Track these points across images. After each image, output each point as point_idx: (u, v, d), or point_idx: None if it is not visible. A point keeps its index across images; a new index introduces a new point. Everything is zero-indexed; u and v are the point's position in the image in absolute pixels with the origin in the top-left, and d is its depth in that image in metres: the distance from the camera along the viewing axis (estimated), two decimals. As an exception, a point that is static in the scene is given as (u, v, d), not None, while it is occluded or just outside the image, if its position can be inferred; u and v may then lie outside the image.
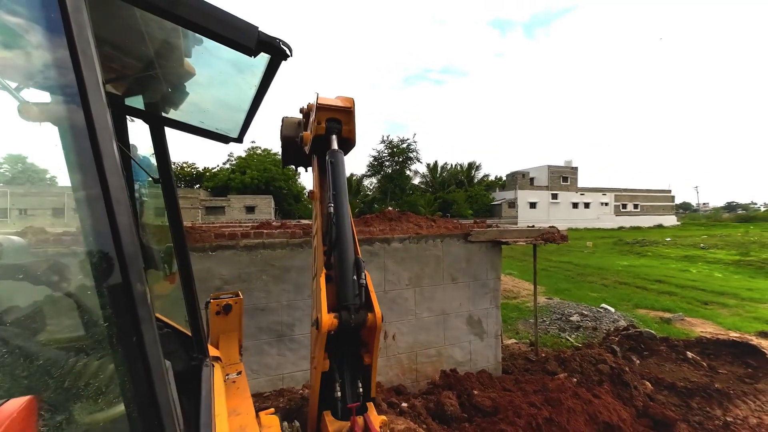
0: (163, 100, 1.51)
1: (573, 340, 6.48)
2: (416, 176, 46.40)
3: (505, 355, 5.56)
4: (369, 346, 1.61)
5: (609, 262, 16.08)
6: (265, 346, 3.82)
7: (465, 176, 48.00)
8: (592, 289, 10.74)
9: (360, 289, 1.57)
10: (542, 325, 7.32)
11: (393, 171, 40.37)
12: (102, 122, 0.50)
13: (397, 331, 4.32)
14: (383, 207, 41.23)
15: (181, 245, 1.55)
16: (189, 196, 33.14)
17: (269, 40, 0.71)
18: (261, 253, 3.80)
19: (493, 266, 4.80)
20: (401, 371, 4.34)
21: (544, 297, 9.70)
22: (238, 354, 2.12)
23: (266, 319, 3.80)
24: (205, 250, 3.60)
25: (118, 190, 0.52)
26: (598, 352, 4.53)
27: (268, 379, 3.81)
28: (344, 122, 1.97)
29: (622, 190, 50.08)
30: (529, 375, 4.30)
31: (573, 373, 4.05)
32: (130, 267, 0.52)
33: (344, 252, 1.64)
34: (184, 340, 1.64)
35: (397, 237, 4.32)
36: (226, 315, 2.14)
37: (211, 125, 1.53)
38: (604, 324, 7.17)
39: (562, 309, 8.37)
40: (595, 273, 13.46)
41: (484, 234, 4.68)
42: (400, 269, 4.33)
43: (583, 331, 6.91)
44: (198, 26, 0.63)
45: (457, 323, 4.61)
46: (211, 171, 39.43)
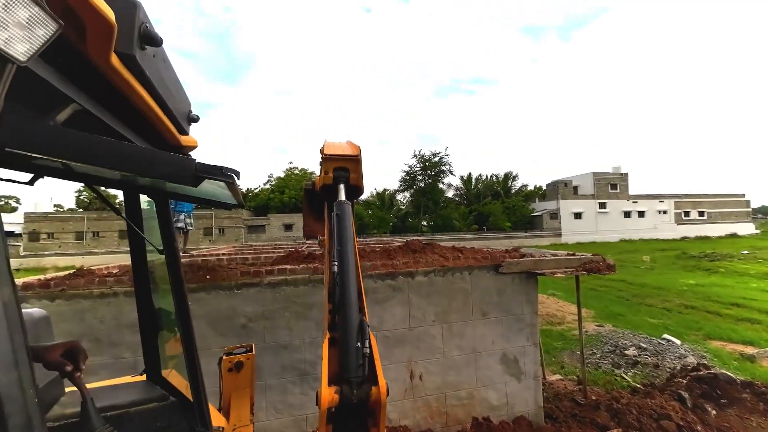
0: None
1: (630, 379, 5.72)
2: (450, 189, 45.65)
3: (548, 395, 5.03)
4: (375, 419, 1.43)
5: (671, 281, 14.32)
6: (289, 385, 3.78)
7: (501, 187, 46.30)
8: (650, 314, 9.56)
9: (364, 360, 1.40)
10: (592, 359, 6.60)
11: (425, 185, 40.08)
12: None
13: (425, 370, 4.08)
14: (416, 221, 40.91)
15: (184, 314, 1.54)
16: (233, 216, 35.43)
17: (209, 172, 0.66)
18: (284, 290, 3.82)
19: (529, 299, 4.41)
20: (429, 414, 4.07)
21: (593, 323, 8.81)
22: (249, 413, 2.07)
23: (290, 357, 3.78)
24: (231, 288, 3.69)
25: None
26: (661, 402, 3.90)
27: (292, 420, 3.75)
28: (351, 170, 1.96)
29: (683, 196, 45.19)
30: (576, 426, 3.81)
31: (629, 429, 3.51)
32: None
33: (348, 315, 1.52)
34: (188, 409, 1.62)
35: (422, 270, 4.14)
36: (237, 372, 2.12)
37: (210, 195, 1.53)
38: (668, 360, 6.27)
39: (615, 339, 7.51)
40: (654, 294, 12.03)
41: (517, 265, 4.33)
42: (425, 304, 4.12)
43: (642, 368, 6.10)
44: (133, 171, 0.59)
45: (490, 362, 4.25)
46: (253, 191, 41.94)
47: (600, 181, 42.37)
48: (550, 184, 44.14)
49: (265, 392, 3.70)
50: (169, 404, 1.60)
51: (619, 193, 42.64)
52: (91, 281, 3.43)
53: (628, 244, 35.21)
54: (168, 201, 1.54)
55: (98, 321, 3.37)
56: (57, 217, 32.80)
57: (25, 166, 1.31)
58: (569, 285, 13.87)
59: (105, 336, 3.36)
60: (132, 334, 3.41)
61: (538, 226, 41.84)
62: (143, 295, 1.70)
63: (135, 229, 1.53)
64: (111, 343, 3.37)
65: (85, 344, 3.39)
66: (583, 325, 5.26)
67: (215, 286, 3.66)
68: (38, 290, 3.32)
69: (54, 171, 1.36)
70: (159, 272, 1.79)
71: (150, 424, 1.53)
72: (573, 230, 40.12)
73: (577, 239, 37.96)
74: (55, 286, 3.35)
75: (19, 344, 0.47)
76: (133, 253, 1.66)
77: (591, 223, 41.29)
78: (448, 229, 37.73)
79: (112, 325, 3.38)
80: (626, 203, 42.67)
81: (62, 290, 3.32)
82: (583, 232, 40.18)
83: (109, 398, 1.55)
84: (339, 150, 1.99)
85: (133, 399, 1.57)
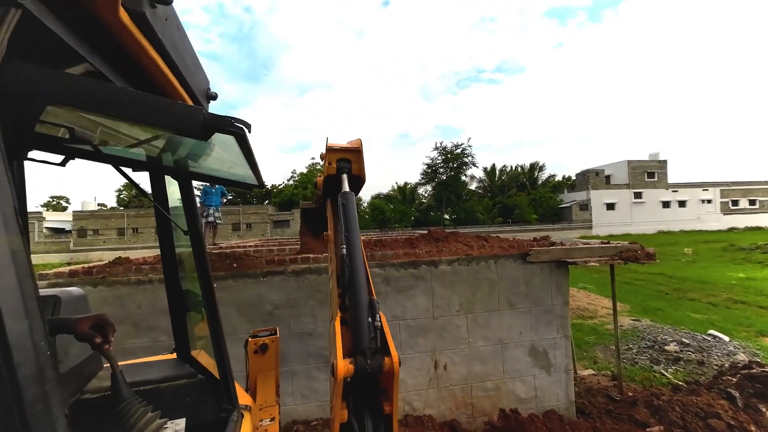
0: (190, 155, 1.56)
1: (671, 376, 5.36)
2: (473, 181, 44.60)
3: (580, 390, 4.81)
4: (388, 394, 1.47)
5: (717, 274, 13.28)
6: (314, 371, 3.84)
7: (527, 178, 44.66)
8: (693, 309, 8.91)
9: (375, 332, 1.48)
10: (627, 354, 6.24)
11: (448, 177, 39.37)
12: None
13: (449, 360, 4.01)
14: (438, 215, 40.40)
15: (209, 295, 1.57)
16: (259, 212, 36.62)
17: (219, 123, 0.63)
18: (308, 278, 3.86)
19: (559, 290, 4.21)
20: (455, 405, 4.00)
21: (628, 318, 8.33)
22: (275, 395, 2.11)
23: (314, 344, 3.83)
24: (257, 276, 3.78)
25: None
26: (708, 400, 3.59)
27: (318, 405, 3.81)
28: (354, 161, 2.12)
29: (731, 183, 41.63)
30: (611, 422, 3.60)
31: (672, 426, 3.26)
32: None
33: (358, 294, 1.59)
34: (216, 387, 1.65)
35: (445, 259, 4.04)
36: (263, 354, 2.15)
37: (231, 176, 1.53)
38: (714, 357, 5.81)
39: (653, 334, 7.06)
40: (697, 288, 11.20)
41: (547, 253, 4.14)
42: (449, 294, 4.03)
43: (685, 364, 5.69)
44: (134, 120, 0.57)
45: (518, 354, 4.11)
46: (278, 188, 43.05)
47: (635, 170, 39.81)
48: (580, 173, 42.04)
49: (292, 378, 3.78)
50: (198, 382, 1.64)
51: (656, 182, 39.91)
52: (129, 269, 3.62)
53: (666, 236, 33.01)
54: (191, 182, 1.56)
55: (136, 306, 3.56)
56: (101, 215, 35.31)
57: (56, 148, 1.36)
58: (601, 278, 13.20)
59: (143, 320, 3.56)
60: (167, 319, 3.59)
61: (566, 217, 40.07)
62: (171, 277, 1.75)
63: (162, 210, 1.56)
64: (148, 327, 3.56)
65: (125, 328, 3.56)
66: (617, 319, 4.96)
67: (242, 274, 3.76)
68: (83, 277, 3.55)
69: (84, 153, 1.41)
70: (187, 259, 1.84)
71: (179, 400, 1.57)
72: (605, 222, 38.09)
73: (610, 231, 35.99)
74: (97, 273, 3.57)
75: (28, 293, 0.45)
76: (160, 236, 1.70)
77: (625, 214, 39.00)
78: (471, 222, 36.98)
79: (149, 310, 3.57)
80: (665, 192, 39.87)
81: (103, 277, 3.53)
82: (616, 224, 38.06)
83: (142, 374, 1.61)
84: (342, 143, 2.16)
85: (164, 375, 1.62)
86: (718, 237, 28.49)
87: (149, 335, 3.53)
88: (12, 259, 0.44)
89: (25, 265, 0.47)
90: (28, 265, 0.47)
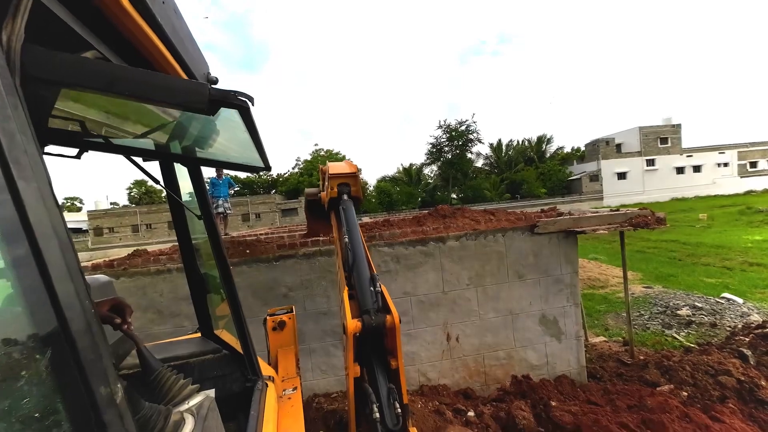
0: (197, 141, 1.60)
1: (682, 339, 5.41)
2: (479, 158, 43.82)
3: (591, 356, 4.91)
4: (393, 350, 1.77)
5: (732, 238, 13.04)
6: (331, 348, 4.00)
7: (535, 152, 43.67)
8: (707, 274, 8.84)
9: (376, 296, 1.80)
10: (639, 321, 6.29)
11: (453, 156, 38.77)
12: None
13: (461, 332, 4.12)
14: (445, 194, 40.12)
15: (227, 275, 1.64)
16: (267, 201, 36.95)
17: (223, 98, 0.66)
18: (319, 260, 3.96)
19: (568, 259, 4.23)
20: (468, 374, 4.15)
21: (640, 285, 8.33)
22: (295, 367, 2.22)
23: (329, 322, 3.97)
24: (270, 260, 3.89)
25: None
26: (719, 359, 3.64)
27: (336, 379, 3.99)
28: (352, 185, 2.50)
29: (749, 145, 40.06)
30: (621, 384, 3.70)
31: (682, 385, 3.34)
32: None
33: (360, 270, 1.95)
34: (240, 361, 1.76)
35: (453, 235, 4.08)
36: (281, 331, 2.26)
37: (238, 159, 1.58)
38: (728, 319, 5.82)
39: (665, 300, 7.07)
40: (711, 253, 11.04)
41: (554, 224, 4.13)
42: (458, 268, 4.10)
43: (697, 327, 5.72)
44: (144, 98, 0.60)
45: (528, 324, 4.20)
46: (283, 176, 43.17)
47: (647, 136, 38.52)
48: (590, 143, 40.92)
49: (310, 355, 3.95)
50: (223, 356, 1.75)
51: (670, 148, 38.64)
52: (147, 260, 3.76)
53: (680, 203, 32.28)
54: (200, 169, 1.61)
55: (158, 295, 3.73)
56: (114, 213, 36.13)
57: (70, 142, 1.42)
58: (613, 248, 13.12)
59: (165, 308, 3.73)
60: (188, 305, 3.76)
61: (576, 190, 39.39)
62: (189, 262, 1.83)
63: (174, 196, 1.62)
64: (171, 314, 3.73)
65: (150, 315, 3.73)
66: (629, 287, 4.97)
67: (255, 259, 3.87)
68: (105, 270, 3.71)
69: (96, 145, 1.47)
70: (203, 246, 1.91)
71: (207, 373, 1.68)
72: (616, 192, 37.33)
73: (621, 201, 35.32)
74: (118, 265, 3.73)
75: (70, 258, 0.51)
76: (176, 223, 1.77)
77: (637, 182, 38.10)
78: (478, 200, 36.68)
79: (170, 298, 3.73)
80: (679, 158, 38.65)
81: (124, 269, 3.68)
82: (627, 193, 37.28)
83: (170, 351, 1.73)
84: (341, 169, 2.54)
85: (191, 352, 1.73)
86: (735, 201, 27.73)
87: (173, 321, 3.71)
88: (59, 242, 0.50)
89: (71, 250, 0.52)
90: (73, 250, 0.52)
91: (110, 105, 1.25)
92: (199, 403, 1.09)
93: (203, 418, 1.02)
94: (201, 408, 1.05)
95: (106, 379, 0.56)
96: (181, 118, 1.32)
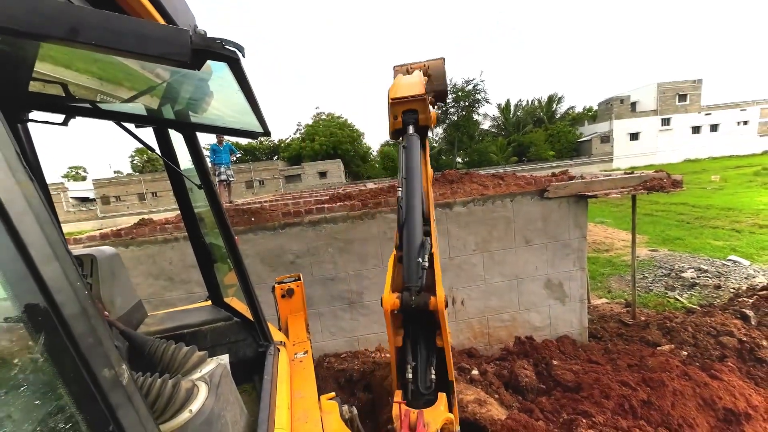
0: (190, 105, 1.49)
1: (685, 300, 5.48)
2: (485, 120, 42.29)
3: (593, 317, 5.02)
4: (440, 329, 1.59)
5: (744, 200, 12.76)
6: (339, 312, 4.12)
7: (544, 112, 41.89)
8: (715, 236, 8.76)
9: (422, 272, 1.54)
10: (643, 283, 6.35)
11: (459, 117, 37.36)
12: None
13: (466, 296, 4.19)
14: (450, 158, 39.30)
15: (232, 244, 1.61)
16: (270, 168, 36.63)
17: (208, 47, 0.55)
18: (325, 228, 3.94)
19: (577, 224, 4.16)
20: (472, 335, 4.29)
21: (645, 248, 8.32)
22: (305, 332, 2.28)
23: (337, 288, 4.05)
24: (275, 228, 3.89)
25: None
26: (722, 320, 3.69)
27: (345, 341, 4.16)
28: (420, 111, 1.91)
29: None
30: (623, 344, 3.80)
31: (682, 345, 3.42)
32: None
33: (410, 234, 1.64)
34: (251, 327, 1.79)
35: (460, 200, 4.00)
36: (290, 298, 2.29)
37: (236, 125, 1.47)
38: (732, 281, 5.84)
39: (671, 263, 7.08)
40: (721, 215, 10.88)
41: (565, 188, 4.01)
42: (464, 234, 4.07)
43: (701, 289, 5.76)
44: (114, 48, 0.50)
45: (533, 287, 4.24)
46: (285, 142, 42.35)
47: (665, 93, 36.47)
48: (603, 102, 39.01)
49: (319, 318, 4.08)
50: (234, 323, 1.77)
51: (688, 105, 36.72)
52: (154, 229, 3.78)
53: (693, 164, 31.36)
54: (195, 135, 1.52)
55: (167, 263, 3.79)
56: (119, 182, 36.25)
57: (55, 108, 1.32)
58: (620, 212, 12.99)
59: (176, 275, 3.81)
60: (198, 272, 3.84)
61: (585, 152, 38.26)
62: (194, 232, 1.80)
63: (170, 164, 1.54)
64: (182, 280, 3.82)
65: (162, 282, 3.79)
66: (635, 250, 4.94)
67: (260, 227, 3.87)
68: (113, 239, 3.75)
69: (84, 111, 1.37)
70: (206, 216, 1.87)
71: (220, 340, 1.72)
72: (627, 153, 36.22)
73: (631, 163, 34.36)
74: (125, 234, 3.75)
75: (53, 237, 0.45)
76: (176, 192, 1.71)
77: (650, 143, 36.78)
78: (484, 164, 35.97)
79: (180, 266, 3.80)
80: (696, 117, 36.85)
81: (132, 238, 3.71)
82: (638, 155, 36.17)
83: (183, 319, 1.75)
84: (405, 91, 1.93)
85: (204, 319, 1.76)
86: (751, 161, 26.82)
87: (183, 287, 3.81)
88: (36, 219, 0.44)
89: (53, 226, 0.46)
90: (55, 226, 0.46)
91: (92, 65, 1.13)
92: (211, 370, 1.10)
93: (216, 385, 1.04)
94: (213, 375, 1.07)
95: (108, 361, 0.53)
96: (171, 80, 1.21)
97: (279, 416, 1.27)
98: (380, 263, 4.02)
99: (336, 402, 1.60)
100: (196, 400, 0.91)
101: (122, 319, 1.58)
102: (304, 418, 1.38)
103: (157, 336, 1.62)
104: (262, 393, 1.33)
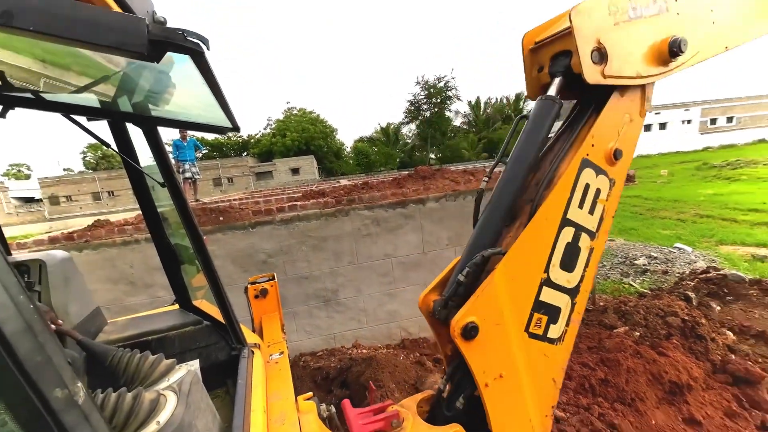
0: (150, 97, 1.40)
1: (638, 285, 5.96)
2: (457, 117, 43.28)
3: (558, 305, 5.33)
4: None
5: (688, 192, 14.03)
6: (315, 310, 4.07)
7: (513, 109, 43.52)
8: (664, 226, 9.58)
9: (456, 287, 1.24)
10: (601, 271, 6.82)
11: (431, 114, 37.93)
12: None
13: (440, 290, 4.30)
14: (423, 154, 39.85)
15: (199, 245, 1.55)
16: (239, 164, 35.25)
17: (167, 38, 0.52)
18: (297, 226, 3.87)
19: (543, 217, 4.38)
20: (447, 327, 4.41)
21: (604, 239, 8.91)
22: (281, 332, 2.24)
23: (311, 286, 4.00)
24: (246, 227, 3.77)
25: None
26: (668, 302, 4.07)
27: (321, 339, 4.13)
28: (574, 51, 1.18)
29: (713, 101, 41.72)
30: (583, 327, 4.07)
31: (635, 326, 3.73)
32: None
33: (476, 236, 1.32)
34: (223, 331, 1.73)
35: (433, 196, 4.08)
36: (264, 298, 2.24)
37: (201, 119, 1.40)
38: (678, 266, 6.42)
39: (625, 251, 7.65)
40: (669, 207, 11.90)
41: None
42: (438, 229, 4.16)
43: (651, 275, 6.29)
44: (58, 36, 0.46)
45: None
46: (255, 137, 40.91)
47: (620, 94, 39.04)
48: (566, 101, 41.07)
49: (294, 318, 4.02)
50: (205, 327, 1.71)
51: (640, 105, 39.56)
52: (112, 231, 3.53)
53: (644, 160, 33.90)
54: (156, 129, 1.43)
55: (128, 266, 3.56)
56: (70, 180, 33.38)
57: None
58: (581, 205, 13.79)
59: (138, 279, 3.59)
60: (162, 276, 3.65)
61: (550, 148, 40.16)
62: (157, 232, 1.71)
63: (129, 161, 1.45)
64: (145, 284, 3.60)
65: (123, 287, 3.57)
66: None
67: (230, 226, 3.73)
68: (65, 243, 3.46)
69: (25, 101, 1.25)
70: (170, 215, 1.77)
71: (189, 345, 1.65)
72: (587, 150, 38.43)
73: (592, 159, 36.50)
74: (78, 237, 3.48)
75: None
76: (136, 191, 1.61)
77: (607, 140, 39.27)
78: (456, 160, 36.80)
79: (142, 269, 3.58)
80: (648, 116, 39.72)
81: (86, 241, 3.45)
82: (598, 151, 38.51)
83: (148, 325, 1.66)
84: (551, 29, 1.29)
85: (171, 324, 1.68)
86: (694, 157, 29.46)
87: (147, 292, 3.60)
88: None
89: None
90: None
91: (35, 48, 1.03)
92: (180, 378, 1.05)
93: (186, 393, 0.99)
94: (182, 383, 1.02)
95: (60, 379, 0.49)
96: (128, 69, 1.13)
97: (254, 420, 1.24)
98: (355, 260, 4.02)
99: (314, 402, 1.59)
100: (164, 411, 0.87)
101: (79, 327, 1.48)
102: (281, 420, 1.36)
103: (119, 344, 1.53)
104: (236, 397, 1.30)
